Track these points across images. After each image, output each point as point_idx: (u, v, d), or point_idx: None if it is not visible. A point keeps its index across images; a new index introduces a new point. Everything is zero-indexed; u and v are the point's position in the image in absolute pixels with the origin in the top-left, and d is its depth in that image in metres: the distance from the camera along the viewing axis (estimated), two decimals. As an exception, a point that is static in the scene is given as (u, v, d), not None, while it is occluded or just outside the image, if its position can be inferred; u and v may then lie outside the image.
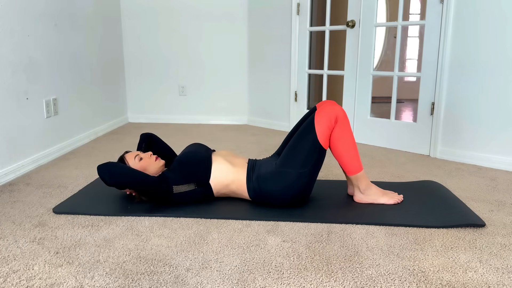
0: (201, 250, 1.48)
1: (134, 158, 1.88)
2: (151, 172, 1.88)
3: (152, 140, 2.11)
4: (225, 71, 4.06)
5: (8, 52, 2.31)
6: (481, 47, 2.54)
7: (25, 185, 2.20)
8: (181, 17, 3.99)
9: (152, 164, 1.89)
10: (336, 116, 1.80)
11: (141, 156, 1.89)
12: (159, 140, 2.13)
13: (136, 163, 1.86)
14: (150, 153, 1.92)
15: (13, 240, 1.57)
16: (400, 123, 3.02)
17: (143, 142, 2.08)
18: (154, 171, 1.89)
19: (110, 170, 1.72)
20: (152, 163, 1.89)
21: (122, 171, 1.72)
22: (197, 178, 1.82)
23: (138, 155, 1.89)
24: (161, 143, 2.13)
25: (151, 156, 1.91)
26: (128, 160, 1.88)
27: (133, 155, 1.89)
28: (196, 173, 1.82)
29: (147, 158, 1.89)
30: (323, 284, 1.27)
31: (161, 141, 2.14)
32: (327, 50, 3.36)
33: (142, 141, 2.09)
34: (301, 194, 1.82)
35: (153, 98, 4.19)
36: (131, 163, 1.87)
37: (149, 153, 1.92)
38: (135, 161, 1.87)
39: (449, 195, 1.99)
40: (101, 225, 1.70)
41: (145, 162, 1.88)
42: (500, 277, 1.31)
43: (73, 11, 3.04)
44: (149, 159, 1.89)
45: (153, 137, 2.12)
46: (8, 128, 2.31)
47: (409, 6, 6.15)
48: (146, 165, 1.88)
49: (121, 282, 1.28)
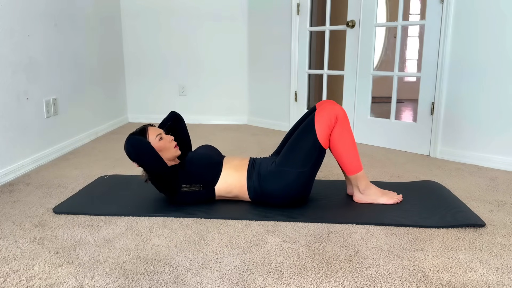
0: (201, 250, 1.48)
1: (156, 136, 1.82)
2: (165, 156, 1.84)
3: (178, 123, 2.05)
4: (225, 71, 4.06)
5: (8, 52, 2.31)
6: (481, 47, 2.54)
7: (25, 185, 2.20)
8: (181, 17, 3.99)
9: (169, 150, 1.84)
10: (336, 115, 1.80)
11: (162, 136, 1.84)
12: (184, 126, 2.08)
13: (155, 141, 1.81)
14: (171, 137, 1.87)
15: (13, 240, 1.57)
16: (400, 123, 3.02)
17: (169, 120, 2.03)
18: (168, 157, 1.85)
19: (137, 146, 1.69)
20: (170, 149, 1.85)
21: (150, 153, 1.69)
22: (204, 181, 1.82)
23: (161, 134, 1.84)
24: (185, 129, 2.08)
25: (172, 141, 1.86)
26: (150, 134, 1.82)
27: (156, 132, 1.84)
28: (205, 176, 1.82)
29: (168, 142, 1.84)
30: (323, 284, 1.27)
31: (186, 128, 2.08)
32: (327, 50, 3.36)
33: (169, 119, 2.03)
34: (301, 194, 1.82)
35: (153, 98, 4.19)
36: (151, 139, 1.81)
37: (171, 137, 1.87)
38: (156, 139, 1.81)
39: (449, 195, 1.99)
40: (101, 225, 1.70)
41: (164, 145, 1.83)
42: (500, 277, 1.31)
43: (73, 11, 3.04)
44: (170, 143, 1.85)
45: (181, 120, 2.06)
46: (8, 128, 2.31)
47: (409, 6, 6.15)
48: (163, 147, 1.83)
49: (121, 282, 1.28)
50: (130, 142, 1.71)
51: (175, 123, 2.05)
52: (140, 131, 1.83)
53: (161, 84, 4.15)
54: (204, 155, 1.87)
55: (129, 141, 1.71)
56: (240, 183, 1.84)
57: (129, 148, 1.71)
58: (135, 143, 1.70)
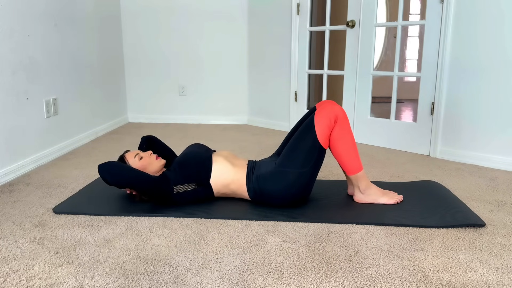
0: (201, 250, 1.48)
1: (134, 157, 1.87)
2: (152, 171, 1.88)
3: (152, 141, 2.11)
4: (225, 71, 4.06)
5: (8, 52, 2.31)
6: (481, 47, 2.54)
7: (25, 185, 2.20)
8: (181, 17, 3.99)
9: (152, 163, 1.89)
10: (336, 115, 1.80)
11: (141, 155, 1.89)
12: (159, 142, 2.13)
13: (136, 162, 1.86)
14: (150, 152, 1.92)
15: (13, 240, 1.57)
16: (400, 123, 3.02)
17: (143, 144, 2.08)
18: (155, 170, 1.89)
19: (110, 169, 1.72)
20: (152, 162, 1.89)
21: (122, 171, 1.72)
22: (197, 178, 1.82)
23: (138, 154, 1.89)
24: (161, 144, 2.13)
25: (151, 155, 1.91)
26: (128, 159, 1.88)
27: (133, 154, 1.89)
28: (196, 173, 1.82)
29: (147, 157, 1.89)
30: (323, 284, 1.27)
31: (161, 142, 2.14)
32: (327, 50, 3.36)
33: (143, 143, 2.09)
34: (301, 194, 1.82)
35: (153, 98, 4.19)
36: (131, 162, 1.86)
37: (149, 152, 1.92)
38: (135, 160, 1.86)
39: (449, 195, 1.99)
40: (101, 225, 1.70)
41: (145, 161, 1.88)
42: (500, 277, 1.31)
43: (73, 11, 3.04)
44: (149, 158, 1.89)
45: (153, 138, 2.12)
46: (8, 128, 2.31)
47: (409, 6, 6.15)
48: (146, 164, 1.87)
49: (121, 282, 1.28)
50: (100, 169, 1.73)
51: (149, 143, 2.10)
52: (118, 160, 1.89)
53: (161, 84, 4.15)
54: (191, 153, 1.88)
55: (99, 168, 1.74)
56: (238, 180, 1.84)
57: (101, 174, 1.73)
58: (105, 167, 1.73)
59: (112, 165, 1.73)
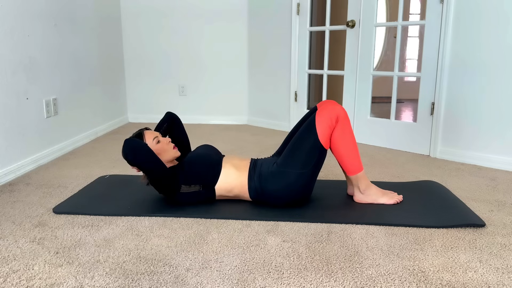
0: (201, 250, 1.48)
1: (153, 139, 1.82)
2: (164, 159, 1.84)
3: (175, 124, 2.03)
4: (225, 70, 4.06)
5: (8, 52, 2.31)
6: (481, 47, 2.54)
7: (25, 185, 2.20)
8: (181, 17, 3.99)
9: (168, 151, 1.84)
10: (337, 116, 1.80)
11: (159, 139, 1.84)
12: (182, 127, 2.06)
13: (153, 144, 1.81)
14: (169, 139, 1.87)
15: (13, 240, 1.57)
16: (400, 123, 3.02)
17: (165, 122, 2.01)
18: (167, 159, 1.85)
19: (136, 149, 1.67)
20: (169, 150, 1.84)
21: (147, 155, 1.68)
22: (204, 181, 1.81)
23: (157, 137, 1.83)
24: (182, 130, 2.06)
25: (169, 143, 1.86)
26: (146, 138, 1.82)
27: (153, 135, 1.83)
28: (204, 176, 1.81)
29: (165, 144, 1.84)
30: (323, 284, 1.27)
31: (183, 128, 2.06)
32: (327, 50, 3.36)
33: (164, 121, 2.01)
34: (302, 194, 1.82)
35: (153, 98, 4.19)
36: (148, 142, 1.81)
37: (168, 139, 1.87)
38: (152, 142, 1.81)
39: (449, 195, 1.99)
40: (101, 225, 1.70)
41: (162, 147, 1.83)
42: (500, 277, 1.31)
43: (73, 11, 3.04)
44: (167, 145, 1.84)
45: (177, 120, 2.04)
46: (8, 128, 2.31)
47: (409, 6, 6.15)
48: (162, 150, 1.82)
49: (121, 282, 1.28)
50: (127, 145, 1.69)
51: (171, 124, 2.03)
52: (136, 136, 1.82)
53: (161, 84, 4.15)
54: (203, 155, 1.86)
55: (126, 144, 1.69)
56: (241, 183, 1.84)
57: (126, 150, 1.68)
58: (132, 145, 1.68)
59: (139, 145, 1.68)
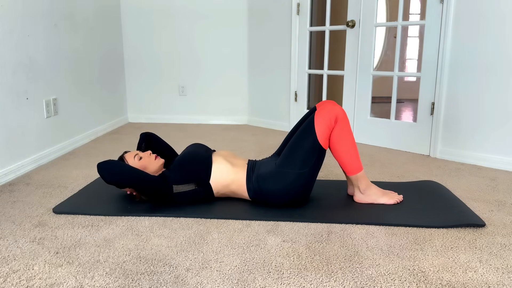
0: (201, 250, 1.48)
1: (134, 157, 1.88)
2: (151, 171, 1.88)
3: (152, 139, 2.10)
4: (225, 71, 4.06)
5: (8, 52, 2.31)
6: (481, 47, 2.54)
7: (25, 185, 2.20)
8: (181, 16, 3.99)
9: (151, 163, 1.89)
10: (336, 116, 1.80)
11: (140, 155, 1.89)
12: (159, 139, 2.13)
13: (135, 162, 1.86)
14: (149, 152, 1.92)
15: (13, 240, 1.57)
16: (400, 123, 3.02)
17: (142, 142, 2.08)
18: (154, 170, 1.89)
19: (109, 168, 1.72)
20: (151, 162, 1.89)
21: (121, 169, 1.72)
22: (197, 178, 1.82)
23: (138, 154, 1.89)
24: (161, 141, 2.13)
25: (151, 155, 1.91)
26: (128, 159, 1.88)
27: (133, 154, 1.90)
28: (196, 173, 1.82)
29: (147, 157, 1.89)
30: (323, 284, 1.27)
31: (161, 140, 2.13)
32: (327, 50, 3.36)
33: (141, 141, 2.08)
34: (301, 194, 1.82)
35: (153, 98, 4.19)
36: (130, 162, 1.87)
37: (148, 152, 1.92)
38: (134, 160, 1.87)
39: (449, 195, 1.99)
40: (101, 225, 1.70)
41: (145, 161, 1.88)
42: (500, 277, 1.31)
43: (73, 11, 3.04)
44: (149, 158, 1.89)
45: (153, 136, 2.11)
46: (8, 128, 2.31)
47: (409, 6, 6.15)
48: (145, 164, 1.88)
49: (121, 282, 1.28)
50: (100, 168, 1.72)
51: (148, 141, 2.09)
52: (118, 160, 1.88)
53: (161, 84, 4.15)
54: (189, 152, 1.88)
55: (99, 168, 1.73)
56: (238, 181, 1.84)
57: (101, 173, 1.72)
58: (104, 166, 1.72)
59: (111, 163, 1.73)
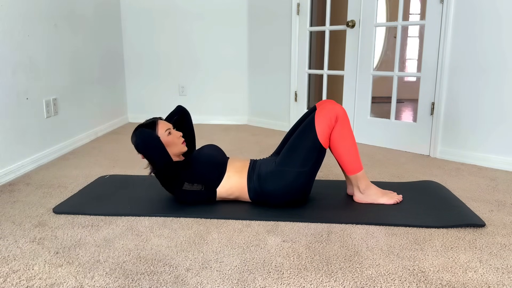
0: (201, 250, 1.48)
1: (165, 130, 1.83)
2: (171, 151, 1.84)
3: (185, 118, 2.05)
4: (225, 71, 4.06)
5: (8, 52, 2.31)
6: (481, 47, 2.54)
7: (25, 185, 2.20)
8: (181, 16, 3.99)
9: (177, 146, 1.85)
10: (336, 115, 1.80)
11: (171, 131, 1.84)
12: (190, 122, 2.07)
13: (164, 135, 1.81)
14: (180, 134, 1.88)
15: (13, 240, 1.57)
16: (400, 123, 3.02)
17: (176, 115, 2.02)
18: (174, 152, 1.85)
19: (146, 140, 1.70)
20: (178, 145, 1.85)
21: (157, 145, 1.70)
22: (207, 182, 1.82)
23: (170, 129, 1.84)
24: (191, 125, 2.07)
25: (180, 137, 1.87)
26: (159, 128, 1.82)
27: (165, 126, 1.84)
28: (208, 177, 1.81)
29: (176, 138, 1.85)
30: (323, 284, 1.27)
31: (192, 124, 2.08)
32: (327, 50, 3.36)
33: (175, 114, 2.02)
34: (301, 193, 1.82)
35: (153, 98, 4.19)
36: (160, 133, 1.81)
37: (180, 134, 1.87)
38: (164, 133, 1.82)
39: (449, 195, 1.99)
40: (101, 225, 1.70)
41: (173, 140, 1.83)
42: (500, 277, 1.31)
43: (73, 11, 3.04)
44: (178, 139, 1.85)
45: (187, 115, 2.06)
46: (8, 128, 2.31)
47: (409, 6, 6.15)
48: (171, 142, 1.83)
49: (121, 282, 1.28)
50: (139, 135, 1.71)
51: (181, 118, 2.04)
52: (150, 124, 1.83)
53: (161, 84, 4.15)
54: (211, 155, 1.86)
55: (138, 134, 1.71)
56: (241, 185, 1.84)
57: (137, 140, 1.71)
58: (145, 136, 1.71)
59: (150, 137, 1.70)
